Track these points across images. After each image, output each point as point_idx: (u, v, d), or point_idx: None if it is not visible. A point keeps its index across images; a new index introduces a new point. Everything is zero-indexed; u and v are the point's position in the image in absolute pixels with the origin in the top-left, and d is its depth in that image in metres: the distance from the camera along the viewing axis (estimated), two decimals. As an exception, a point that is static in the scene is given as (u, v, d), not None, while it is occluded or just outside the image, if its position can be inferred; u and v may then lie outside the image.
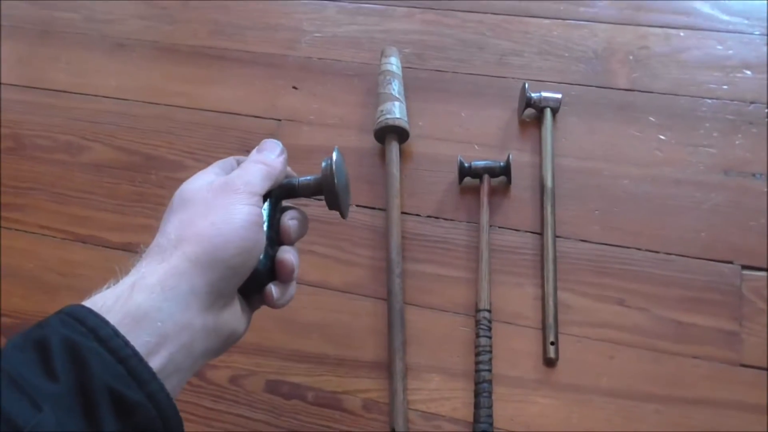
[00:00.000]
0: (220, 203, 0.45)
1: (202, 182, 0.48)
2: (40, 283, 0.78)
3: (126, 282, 0.41)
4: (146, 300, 0.39)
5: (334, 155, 0.52)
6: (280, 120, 0.88)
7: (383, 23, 0.97)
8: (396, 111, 0.80)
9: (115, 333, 0.36)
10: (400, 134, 0.81)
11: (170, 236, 0.44)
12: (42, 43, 1.05)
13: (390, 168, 0.78)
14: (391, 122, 0.79)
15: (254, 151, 0.52)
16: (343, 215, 0.55)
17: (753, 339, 0.66)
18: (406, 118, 0.81)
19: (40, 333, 0.36)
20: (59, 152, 0.90)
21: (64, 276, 0.78)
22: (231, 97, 0.92)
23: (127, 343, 0.36)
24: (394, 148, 0.79)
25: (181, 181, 0.83)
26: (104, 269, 0.76)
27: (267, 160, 0.50)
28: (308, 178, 0.53)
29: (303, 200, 0.57)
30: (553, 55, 0.89)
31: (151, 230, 0.78)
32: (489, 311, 0.68)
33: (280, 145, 0.53)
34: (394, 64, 0.86)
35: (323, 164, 0.52)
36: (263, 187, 0.48)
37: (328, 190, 0.52)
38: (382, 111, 0.80)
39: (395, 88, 0.83)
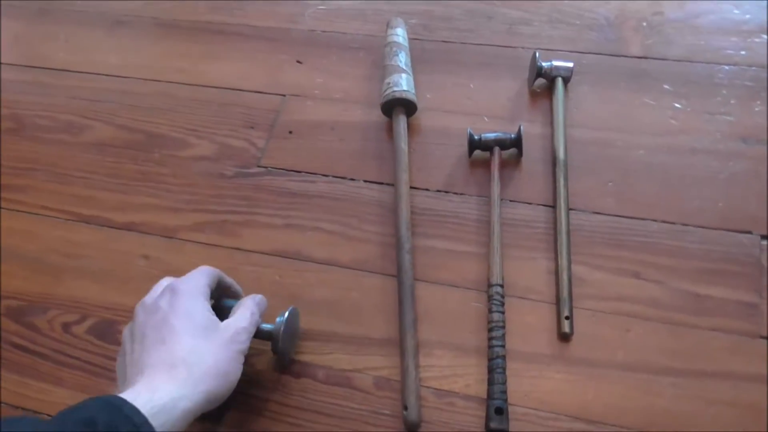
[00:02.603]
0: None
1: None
2: (43, 265, 0.77)
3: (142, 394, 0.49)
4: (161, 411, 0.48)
5: (286, 314, 0.63)
6: (284, 95, 0.86)
7: (388, -6, 0.94)
8: (403, 83, 0.78)
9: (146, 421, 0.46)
10: (408, 107, 0.79)
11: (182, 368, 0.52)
12: (40, 20, 1.03)
13: (398, 142, 0.76)
14: (398, 95, 0.77)
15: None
16: (284, 366, 0.66)
17: (773, 310, 0.64)
18: (413, 91, 0.79)
19: (85, 414, 0.45)
20: (60, 132, 0.88)
21: (68, 257, 0.77)
22: (233, 73, 0.90)
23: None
24: (401, 121, 0.77)
25: (183, 159, 0.83)
26: (108, 249, 0.76)
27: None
28: (267, 326, 0.64)
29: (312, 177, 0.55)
30: (564, 23, 0.87)
31: (154, 209, 0.78)
32: (501, 286, 0.66)
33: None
34: (400, 35, 0.84)
35: (277, 320, 0.63)
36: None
37: (274, 344, 0.63)
38: (388, 83, 0.78)
39: (402, 59, 0.81)
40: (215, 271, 0.62)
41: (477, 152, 0.76)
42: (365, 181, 0.77)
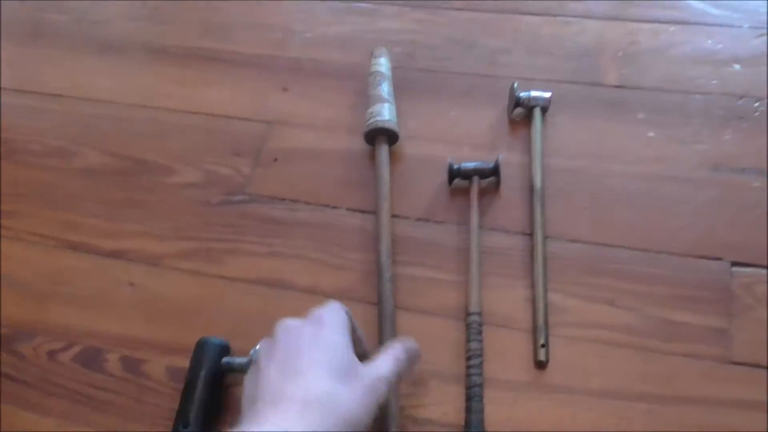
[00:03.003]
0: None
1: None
2: (30, 291, 0.78)
3: None
4: None
5: (258, 346, 0.61)
6: (270, 122, 0.88)
7: (374, 22, 0.96)
8: (385, 113, 0.80)
9: None
10: (390, 136, 0.81)
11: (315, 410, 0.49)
12: (32, 45, 1.04)
13: (380, 171, 0.78)
14: (380, 124, 0.79)
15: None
16: None
17: (742, 335, 0.66)
18: (395, 120, 0.81)
19: None
20: (50, 157, 0.90)
21: (55, 284, 0.78)
22: (221, 99, 0.92)
23: None
24: (383, 150, 0.79)
25: (171, 186, 0.85)
26: (94, 277, 0.78)
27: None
28: (242, 360, 0.66)
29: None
30: (543, 53, 0.89)
31: (140, 236, 0.80)
32: (479, 314, 0.68)
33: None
34: (383, 64, 0.86)
35: (251, 352, 0.63)
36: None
37: None
38: (371, 113, 0.80)
39: (385, 89, 0.83)
40: (348, 310, 0.60)
41: (457, 181, 0.78)
42: (348, 209, 0.79)
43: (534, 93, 0.81)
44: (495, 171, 0.76)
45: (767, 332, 0.66)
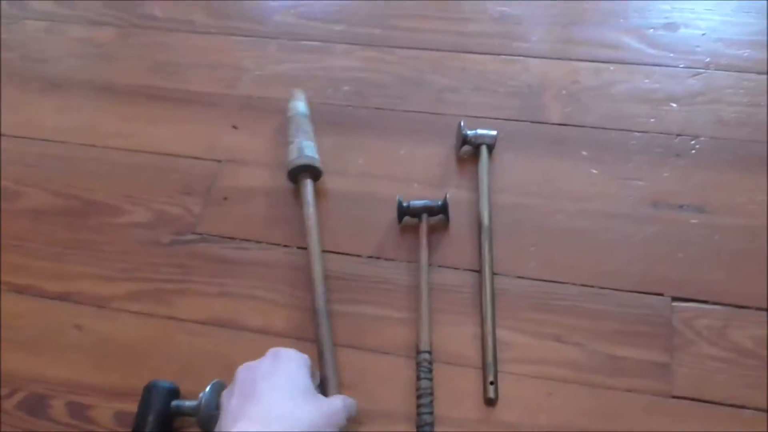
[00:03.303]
0: None
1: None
2: (-25, 336, 0.76)
3: None
4: None
5: (208, 389, 0.65)
6: (220, 161, 0.88)
7: (323, 60, 0.98)
8: (304, 149, 0.82)
9: None
10: (314, 172, 0.82)
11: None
12: (-25, 84, 1.02)
13: (305, 209, 0.79)
14: (298, 162, 0.81)
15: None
16: None
17: (683, 370, 0.68)
18: (313, 154, 0.82)
19: None
20: (-6, 198, 0.88)
21: (1, 328, 0.76)
22: (170, 138, 0.91)
23: None
24: (308, 186, 0.81)
25: (119, 226, 0.84)
26: (41, 320, 0.76)
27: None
28: (191, 403, 0.66)
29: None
30: (489, 91, 0.91)
31: (88, 278, 0.78)
32: (430, 353, 0.69)
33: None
34: (299, 107, 0.88)
35: (200, 395, 0.64)
36: None
37: (199, 420, 0.64)
38: (290, 151, 0.82)
39: (301, 129, 0.85)
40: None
41: (407, 218, 0.79)
42: (298, 247, 0.79)
43: (480, 131, 0.83)
44: (443, 209, 0.78)
45: (707, 367, 0.68)
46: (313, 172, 0.82)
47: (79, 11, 1.11)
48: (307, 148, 0.82)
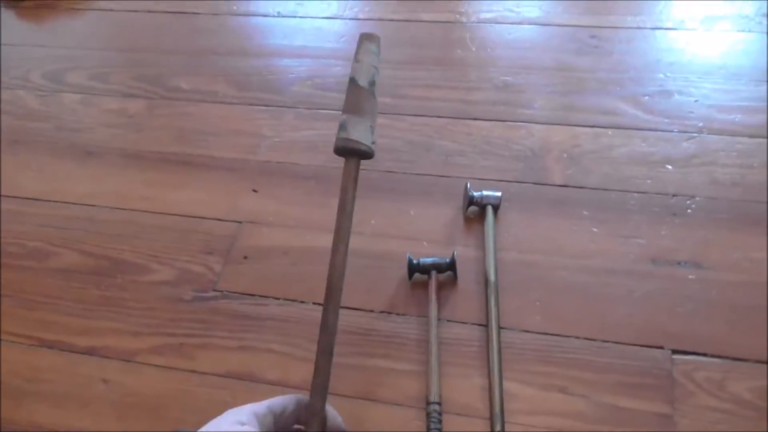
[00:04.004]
0: None
1: None
2: (5, 389, 0.80)
3: None
4: None
5: None
6: (241, 222, 0.93)
7: (337, 128, 1.03)
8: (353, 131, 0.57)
9: None
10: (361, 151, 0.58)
11: None
12: (13, 151, 1.10)
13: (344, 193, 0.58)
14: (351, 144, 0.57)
15: None
16: None
17: (685, 421, 0.70)
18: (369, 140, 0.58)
19: None
20: (28, 258, 0.93)
21: (29, 381, 0.80)
22: (194, 201, 0.97)
23: None
24: (353, 164, 0.58)
25: (145, 284, 0.88)
26: (68, 374, 0.81)
27: None
28: None
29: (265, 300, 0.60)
30: (494, 155, 0.97)
31: (114, 333, 0.83)
32: (439, 404, 0.72)
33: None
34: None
35: None
36: None
37: None
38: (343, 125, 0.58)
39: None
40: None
41: (416, 275, 0.83)
42: (314, 303, 0.83)
43: (486, 192, 0.88)
44: (451, 266, 0.82)
45: (708, 418, 0.70)
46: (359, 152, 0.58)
47: (111, 84, 1.19)
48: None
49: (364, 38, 0.61)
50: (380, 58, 0.60)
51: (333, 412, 0.59)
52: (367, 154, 0.59)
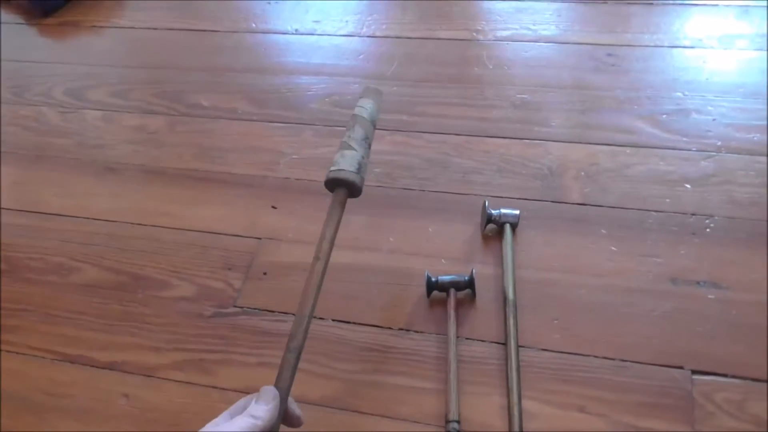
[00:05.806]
0: None
1: None
2: (28, 404, 0.81)
3: None
4: None
5: None
6: (260, 238, 0.94)
7: (356, 144, 1.05)
8: (341, 162, 0.71)
9: None
10: (349, 185, 0.70)
11: None
12: (36, 167, 1.12)
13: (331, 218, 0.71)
14: (332, 175, 0.70)
15: (252, 402, 0.60)
16: None
17: (706, 442, 0.70)
18: (354, 169, 0.71)
19: None
20: (50, 274, 0.95)
21: (52, 396, 0.81)
22: (214, 217, 0.98)
23: None
24: (339, 195, 0.70)
25: (165, 299, 0.90)
26: (90, 388, 0.81)
27: (256, 413, 0.59)
28: None
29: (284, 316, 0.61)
30: (512, 173, 0.97)
31: (135, 348, 0.84)
32: (458, 422, 0.72)
33: (273, 394, 0.61)
34: (366, 108, 0.77)
35: None
36: None
37: None
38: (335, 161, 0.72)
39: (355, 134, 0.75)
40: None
41: (435, 293, 0.84)
42: (333, 320, 0.84)
43: (504, 210, 0.88)
44: (470, 284, 0.82)
45: (728, 436, 0.70)
46: (348, 185, 0.70)
47: (132, 101, 1.21)
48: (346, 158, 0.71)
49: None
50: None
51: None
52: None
